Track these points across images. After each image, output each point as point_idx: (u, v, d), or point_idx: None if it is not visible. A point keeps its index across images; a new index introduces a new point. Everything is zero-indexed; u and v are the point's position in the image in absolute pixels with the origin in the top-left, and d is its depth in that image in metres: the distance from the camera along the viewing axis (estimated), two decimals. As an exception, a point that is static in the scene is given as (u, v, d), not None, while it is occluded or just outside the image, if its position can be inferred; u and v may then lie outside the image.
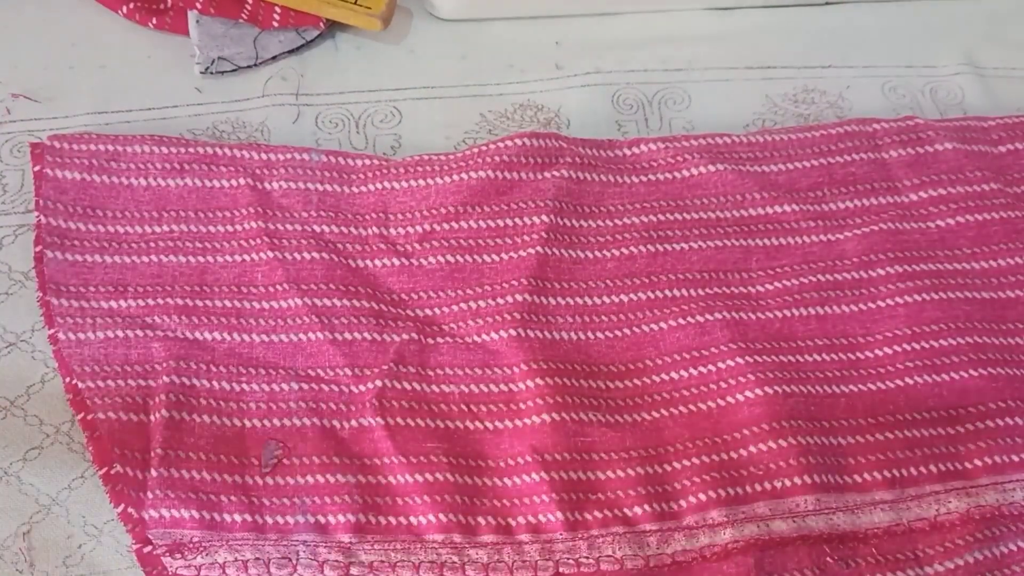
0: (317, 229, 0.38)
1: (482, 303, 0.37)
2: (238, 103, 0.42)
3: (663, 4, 0.47)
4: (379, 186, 0.39)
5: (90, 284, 0.36)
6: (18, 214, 0.38)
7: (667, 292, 0.38)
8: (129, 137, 0.39)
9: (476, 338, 0.36)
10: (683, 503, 0.34)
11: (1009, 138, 0.43)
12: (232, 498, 0.33)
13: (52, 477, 0.33)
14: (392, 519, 0.33)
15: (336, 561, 0.32)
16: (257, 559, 0.32)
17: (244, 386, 0.35)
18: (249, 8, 0.43)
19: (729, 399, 0.36)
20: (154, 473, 0.33)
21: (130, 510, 0.32)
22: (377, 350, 0.36)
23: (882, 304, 0.38)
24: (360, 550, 0.32)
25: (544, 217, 0.39)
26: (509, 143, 0.40)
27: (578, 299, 0.38)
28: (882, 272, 0.39)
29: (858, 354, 0.37)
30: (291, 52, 0.44)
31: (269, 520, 0.32)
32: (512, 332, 0.36)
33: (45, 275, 0.36)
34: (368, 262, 0.38)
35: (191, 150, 0.39)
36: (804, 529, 0.33)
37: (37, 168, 0.38)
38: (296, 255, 0.37)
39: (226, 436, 0.34)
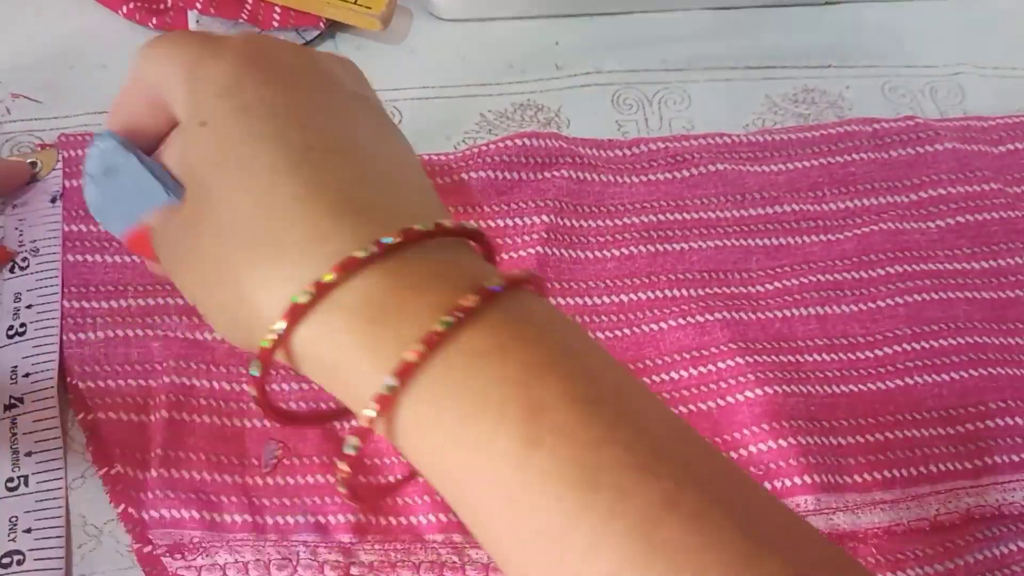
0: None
1: (482, 303, 0.37)
2: (238, 103, 0.42)
3: (663, 4, 0.47)
4: (379, 186, 0.39)
5: (90, 284, 0.36)
6: (18, 214, 0.38)
7: (667, 292, 0.38)
8: (129, 137, 0.39)
9: (476, 338, 0.36)
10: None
11: (1009, 138, 0.44)
12: (232, 498, 0.33)
13: (52, 477, 0.33)
14: (392, 519, 0.33)
15: (336, 561, 0.32)
16: (257, 560, 0.32)
17: (244, 386, 0.35)
18: (249, 8, 0.43)
19: (729, 399, 0.36)
20: (154, 473, 0.33)
21: (130, 510, 0.32)
22: (377, 350, 0.36)
23: (882, 304, 0.39)
24: (360, 550, 0.32)
25: (544, 217, 0.39)
26: (509, 143, 0.40)
27: (578, 299, 0.38)
28: (882, 272, 0.39)
29: (858, 354, 0.37)
30: (291, 52, 0.44)
31: (269, 520, 0.32)
32: (512, 332, 0.36)
33: (45, 275, 0.36)
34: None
35: (191, 150, 0.39)
36: (804, 529, 0.33)
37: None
38: (296, 255, 0.37)
39: (226, 436, 0.34)
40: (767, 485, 0.34)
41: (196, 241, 0.24)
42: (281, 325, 0.21)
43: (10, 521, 0.32)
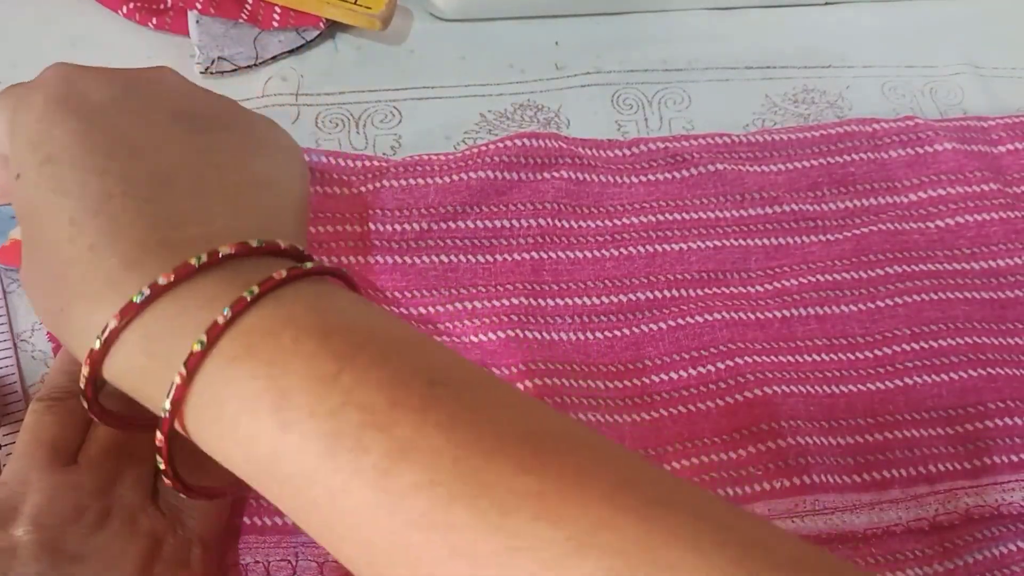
0: (313, 230, 0.38)
1: (477, 304, 0.37)
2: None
3: (663, 4, 0.47)
4: (378, 185, 0.39)
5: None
6: (18, 214, 0.38)
7: (667, 292, 0.38)
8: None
9: (473, 338, 0.36)
10: (682, 503, 0.34)
11: (1009, 138, 0.44)
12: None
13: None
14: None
15: (336, 562, 0.32)
16: (257, 562, 0.32)
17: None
18: (249, 8, 0.43)
19: (729, 399, 0.36)
20: (154, 473, 0.33)
21: (130, 510, 0.32)
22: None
23: (882, 304, 0.39)
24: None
25: (542, 220, 0.39)
26: (509, 143, 0.40)
27: (577, 299, 0.38)
28: (882, 272, 0.39)
29: (858, 354, 0.38)
30: (291, 52, 0.44)
31: (268, 521, 0.32)
32: (509, 333, 0.36)
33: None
34: (360, 258, 0.38)
35: (191, 150, 0.39)
36: (804, 529, 0.33)
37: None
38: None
39: (226, 436, 0.34)
40: (766, 485, 0.34)
41: (31, 277, 0.26)
42: (85, 370, 0.24)
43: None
